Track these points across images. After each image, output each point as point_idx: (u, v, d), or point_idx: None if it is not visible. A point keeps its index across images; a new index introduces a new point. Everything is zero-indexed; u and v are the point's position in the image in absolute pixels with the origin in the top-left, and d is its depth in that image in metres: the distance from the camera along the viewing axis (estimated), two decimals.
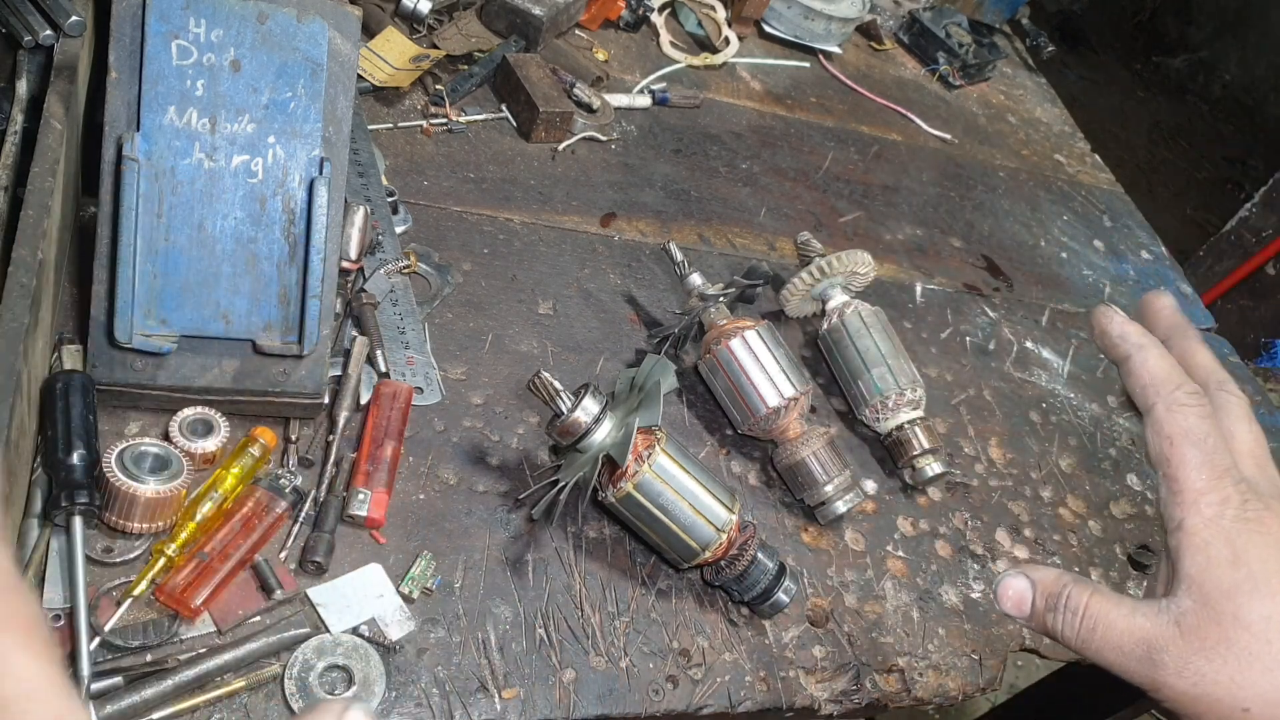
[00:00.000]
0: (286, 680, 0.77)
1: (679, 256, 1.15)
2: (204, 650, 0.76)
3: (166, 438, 0.85)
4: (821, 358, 1.25)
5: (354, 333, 0.99)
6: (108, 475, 0.77)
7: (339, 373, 0.95)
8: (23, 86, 0.93)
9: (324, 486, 0.89)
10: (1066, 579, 0.59)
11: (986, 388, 1.35)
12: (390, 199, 1.15)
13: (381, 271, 1.05)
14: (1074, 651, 0.58)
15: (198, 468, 0.84)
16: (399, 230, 1.14)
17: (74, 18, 0.92)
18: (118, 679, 0.73)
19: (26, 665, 0.30)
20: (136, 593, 0.77)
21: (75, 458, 0.77)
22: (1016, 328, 1.48)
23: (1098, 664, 0.57)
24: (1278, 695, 0.53)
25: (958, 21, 2.02)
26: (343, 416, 0.93)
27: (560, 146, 1.38)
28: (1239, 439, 0.59)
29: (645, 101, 1.52)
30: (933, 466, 1.14)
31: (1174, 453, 0.56)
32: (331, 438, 0.92)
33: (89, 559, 0.77)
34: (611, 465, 0.91)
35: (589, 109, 1.42)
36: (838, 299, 1.23)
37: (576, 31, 1.58)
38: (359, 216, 0.96)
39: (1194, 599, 0.54)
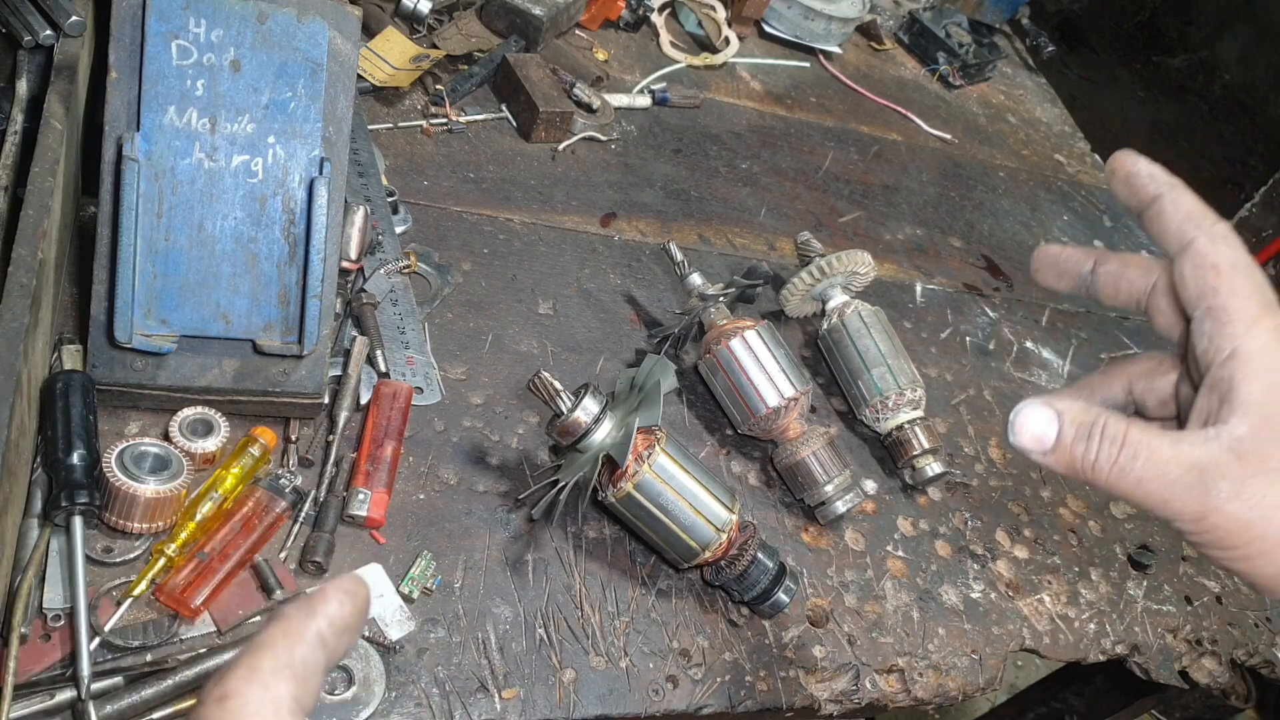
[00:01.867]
0: None
1: (679, 256, 1.15)
2: (204, 650, 0.76)
3: (166, 438, 0.85)
4: (821, 358, 1.25)
5: (354, 333, 0.99)
6: (108, 475, 0.77)
7: (339, 373, 0.95)
8: (23, 86, 0.93)
9: (324, 486, 0.89)
10: (1098, 408, 0.54)
11: (986, 388, 1.35)
12: (390, 199, 1.15)
13: (381, 271, 1.05)
14: (1104, 488, 0.54)
15: (198, 468, 0.84)
16: (399, 230, 1.14)
17: (74, 18, 0.92)
18: (118, 679, 0.73)
19: None
20: (136, 593, 0.77)
21: (75, 458, 0.77)
22: (1016, 328, 1.48)
23: (1133, 499, 0.53)
24: None
25: (958, 21, 2.02)
26: (343, 416, 0.93)
27: (560, 146, 1.38)
28: None
29: (645, 101, 1.52)
30: (933, 466, 1.14)
31: (1222, 281, 0.53)
32: (331, 438, 0.92)
33: (89, 559, 0.77)
34: (611, 465, 0.91)
35: (589, 109, 1.42)
36: (838, 299, 1.23)
37: (576, 31, 1.58)
38: (359, 216, 0.96)
39: (1252, 423, 0.52)
